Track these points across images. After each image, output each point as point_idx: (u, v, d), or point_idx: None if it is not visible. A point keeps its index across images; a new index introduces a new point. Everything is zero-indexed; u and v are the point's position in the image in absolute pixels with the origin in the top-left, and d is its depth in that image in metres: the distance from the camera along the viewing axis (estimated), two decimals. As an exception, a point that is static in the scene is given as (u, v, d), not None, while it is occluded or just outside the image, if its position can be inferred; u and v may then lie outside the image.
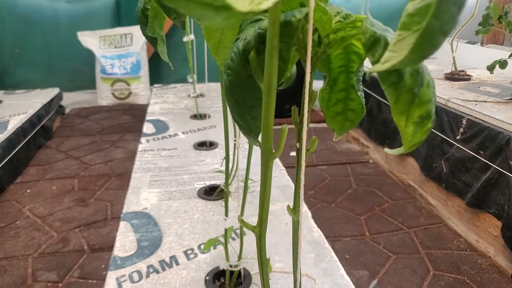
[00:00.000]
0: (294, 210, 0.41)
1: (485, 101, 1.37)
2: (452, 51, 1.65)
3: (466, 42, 2.32)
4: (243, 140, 1.46)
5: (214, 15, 0.19)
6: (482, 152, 1.22)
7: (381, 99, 1.86)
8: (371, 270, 1.20)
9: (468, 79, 1.69)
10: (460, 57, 2.07)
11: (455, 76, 1.69)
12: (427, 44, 0.26)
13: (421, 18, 0.26)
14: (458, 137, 1.32)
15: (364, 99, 0.47)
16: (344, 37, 0.35)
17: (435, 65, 2.03)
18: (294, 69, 0.53)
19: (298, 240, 0.44)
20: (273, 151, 0.34)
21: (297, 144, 0.39)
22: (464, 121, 1.29)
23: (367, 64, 0.37)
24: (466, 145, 1.28)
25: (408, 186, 1.64)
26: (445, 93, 1.47)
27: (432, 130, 1.46)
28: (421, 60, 0.28)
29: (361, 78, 0.48)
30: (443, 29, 0.25)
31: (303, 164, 0.39)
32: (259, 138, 0.35)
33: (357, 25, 0.37)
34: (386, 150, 0.40)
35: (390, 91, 0.35)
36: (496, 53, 2.09)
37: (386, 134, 1.81)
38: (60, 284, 1.18)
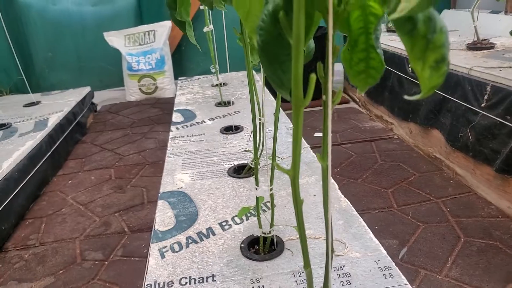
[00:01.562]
0: (323, 157, 0.46)
1: (510, 67, 1.36)
2: (474, 21, 1.63)
3: (490, 12, 2.26)
4: (268, 119, 1.50)
5: None
6: (509, 117, 1.22)
7: (402, 75, 1.85)
8: (400, 239, 1.23)
9: (492, 47, 1.66)
10: (484, 27, 2.03)
11: (477, 46, 1.67)
12: None
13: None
14: (483, 105, 1.31)
15: (383, 56, 0.51)
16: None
17: (456, 37, 2.00)
18: (312, 44, 0.57)
19: (327, 186, 0.48)
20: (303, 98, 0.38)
21: (323, 96, 0.44)
22: (488, 88, 1.29)
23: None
24: (492, 112, 1.28)
25: (434, 159, 1.65)
26: (468, 63, 1.46)
27: (455, 99, 1.46)
28: (429, 5, 0.32)
29: (379, 36, 0.52)
30: None
31: (330, 112, 0.43)
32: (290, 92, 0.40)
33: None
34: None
35: (406, 38, 0.38)
36: (523, 20, 2.03)
37: (409, 110, 1.81)
38: (106, 262, 1.28)
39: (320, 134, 0.50)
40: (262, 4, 0.47)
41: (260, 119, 0.98)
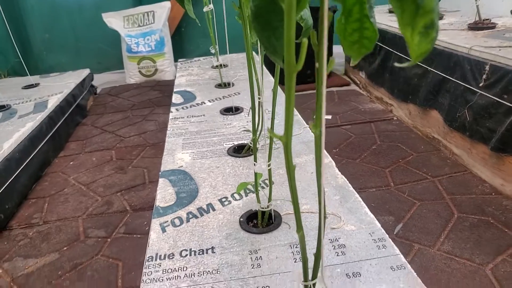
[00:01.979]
0: (316, 125, 0.47)
1: (510, 46, 1.36)
2: (475, 0, 1.62)
3: (492, -8, 2.23)
4: (267, 98, 1.51)
5: None
6: (506, 96, 1.23)
7: (402, 55, 1.85)
8: (396, 216, 1.26)
9: (493, 27, 1.65)
10: (486, 6, 2.01)
11: (479, 26, 1.66)
12: None
13: None
14: (481, 84, 1.32)
15: (376, 26, 0.51)
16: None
17: (458, 17, 1.99)
18: (310, 21, 0.58)
19: (320, 154, 0.50)
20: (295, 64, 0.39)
21: (316, 64, 0.45)
22: (487, 67, 1.29)
23: None
24: (490, 91, 1.29)
25: (432, 139, 1.66)
26: (468, 42, 1.46)
27: (454, 79, 1.47)
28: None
29: (373, 5, 0.52)
30: None
31: (324, 79, 0.44)
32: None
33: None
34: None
35: (396, 4, 0.39)
36: (525, 0, 2.01)
37: (408, 91, 1.81)
38: (109, 239, 1.31)
39: None
40: None
41: (259, 98, 0.99)
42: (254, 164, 0.89)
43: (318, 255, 0.57)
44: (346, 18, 0.53)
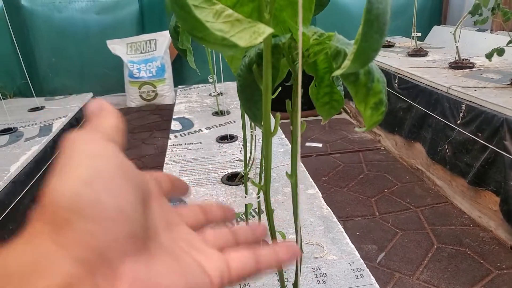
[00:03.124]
0: (292, 175, 0.56)
1: (485, 87, 1.47)
2: (456, 41, 1.74)
3: (476, 30, 2.37)
4: (259, 132, 1.61)
5: (228, 49, 0.35)
6: (480, 135, 1.33)
7: (389, 90, 1.96)
8: (379, 245, 1.34)
9: (472, 67, 1.78)
10: (469, 45, 2.15)
11: (458, 65, 1.78)
12: (362, 58, 0.40)
13: (357, 40, 0.41)
14: (458, 122, 1.42)
15: (343, 92, 0.61)
16: (318, 50, 0.50)
17: (441, 55, 2.12)
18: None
19: (296, 199, 0.59)
20: (271, 131, 0.49)
21: (291, 127, 0.54)
22: (463, 106, 1.40)
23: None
24: (466, 129, 1.39)
25: (416, 170, 1.75)
26: (447, 81, 1.57)
27: (435, 115, 1.57)
28: (362, 67, 0.43)
29: (339, 78, 0.63)
30: (372, 47, 0.39)
31: (298, 140, 0.54)
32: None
33: (330, 39, 0.52)
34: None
35: (351, 87, 0.49)
36: (506, 39, 2.15)
37: (395, 123, 1.92)
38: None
39: (312, 144, 0.60)
40: (243, 52, 0.58)
41: (251, 132, 1.09)
42: (245, 197, 0.98)
43: (296, 285, 0.65)
44: (318, 84, 0.64)
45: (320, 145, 2.09)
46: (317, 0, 0.67)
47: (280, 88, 0.62)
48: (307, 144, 2.13)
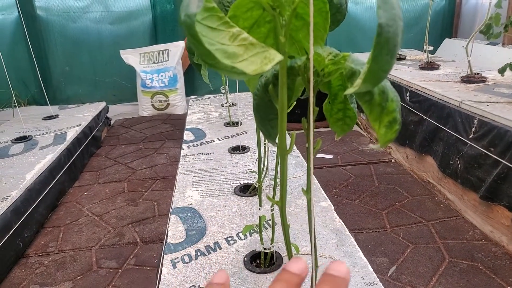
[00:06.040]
0: (307, 191, 0.58)
1: (497, 102, 1.47)
2: (468, 56, 1.75)
3: (487, 43, 2.38)
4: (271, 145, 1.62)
5: (238, 76, 0.37)
6: (492, 149, 1.32)
7: (401, 103, 1.97)
8: (390, 258, 1.33)
9: (484, 81, 1.78)
10: (481, 58, 2.15)
11: (470, 79, 1.79)
12: (373, 78, 0.41)
13: (369, 61, 0.43)
14: (470, 136, 1.42)
15: (356, 109, 0.63)
16: (333, 70, 0.52)
17: (453, 68, 2.12)
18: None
19: (311, 213, 0.60)
20: (287, 149, 0.51)
21: (306, 144, 0.56)
22: (475, 121, 1.40)
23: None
24: (478, 143, 1.39)
25: (427, 183, 1.75)
26: (459, 96, 1.57)
27: (447, 129, 1.57)
28: (374, 86, 0.44)
29: (353, 95, 0.64)
30: (383, 68, 0.41)
31: (312, 157, 0.55)
32: (276, 140, 0.53)
33: (345, 59, 0.54)
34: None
35: (365, 106, 0.51)
36: (517, 53, 2.15)
37: (406, 136, 1.92)
38: (120, 270, 1.40)
39: (323, 155, 0.62)
40: (256, 76, 0.60)
41: (265, 144, 1.11)
42: (259, 208, 0.99)
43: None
44: (332, 101, 0.65)
45: (331, 156, 2.10)
46: (332, 16, 0.69)
47: (295, 103, 0.64)
48: (318, 155, 2.14)
